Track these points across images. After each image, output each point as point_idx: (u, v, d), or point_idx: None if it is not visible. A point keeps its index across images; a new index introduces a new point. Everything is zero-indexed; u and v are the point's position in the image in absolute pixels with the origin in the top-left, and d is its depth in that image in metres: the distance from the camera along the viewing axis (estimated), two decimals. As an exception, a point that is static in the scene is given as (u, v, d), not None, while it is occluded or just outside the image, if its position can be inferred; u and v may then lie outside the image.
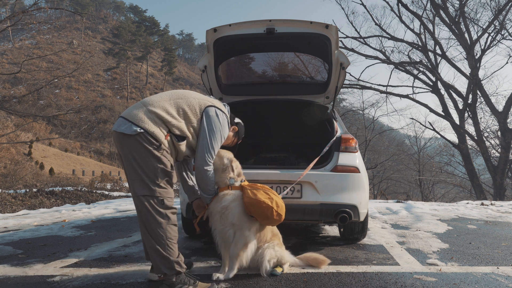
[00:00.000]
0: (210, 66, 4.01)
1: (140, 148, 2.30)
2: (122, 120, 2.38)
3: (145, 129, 2.30)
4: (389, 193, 29.98)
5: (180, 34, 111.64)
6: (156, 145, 2.32)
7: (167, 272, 2.31)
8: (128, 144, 2.32)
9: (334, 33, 3.56)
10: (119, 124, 2.38)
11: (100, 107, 57.46)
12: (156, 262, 2.32)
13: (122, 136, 2.33)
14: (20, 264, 3.02)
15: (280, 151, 4.61)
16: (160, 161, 2.33)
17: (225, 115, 2.63)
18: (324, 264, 2.88)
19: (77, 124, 36.20)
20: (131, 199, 9.86)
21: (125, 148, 2.34)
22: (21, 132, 25.39)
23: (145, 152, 2.30)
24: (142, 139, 2.29)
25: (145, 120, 2.32)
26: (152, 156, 2.31)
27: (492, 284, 2.53)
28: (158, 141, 2.32)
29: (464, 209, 7.49)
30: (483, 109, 17.79)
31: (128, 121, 2.34)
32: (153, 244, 2.31)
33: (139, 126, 2.30)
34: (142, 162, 2.30)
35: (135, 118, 2.33)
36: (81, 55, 64.71)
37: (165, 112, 2.39)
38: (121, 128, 2.33)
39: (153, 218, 2.30)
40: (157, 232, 2.30)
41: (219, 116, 2.56)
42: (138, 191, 2.32)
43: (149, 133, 2.30)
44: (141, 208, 2.32)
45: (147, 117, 2.34)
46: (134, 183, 2.33)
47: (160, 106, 2.40)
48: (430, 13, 17.97)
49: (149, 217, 2.30)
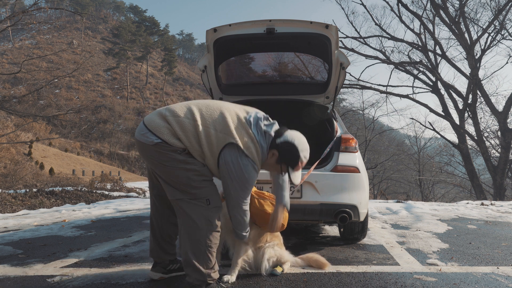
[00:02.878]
0: (210, 66, 4.01)
1: (163, 156, 2.15)
2: (142, 127, 2.22)
3: (164, 140, 2.14)
4: (389, 193, 29.98)
5: (180, 34, 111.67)
6: (179, 150, 2.16)
7: (197, 284, 2.19)
8: (150, 152, 2.18)
9: (334, 33, 3.56)
10: (139, 130, 2.23)
11: (100, 107, 57.45)
12: (188, 271, 2.21)
13: (141, 145, 2.20)
14: (20, 264, 3.01)
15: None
16: (187, 162, 2.16)
17: (248, 159, 2.16)
18: (324, 268, 2.86)
19: (77, 124, 36.23)
20: (131, 199, 9.86)
21: (148, 155, 2.21)
22: (21, 132, 25.39)
23: (170, 159, 2.15)
24: (162, 148, 2.14)
25: (164, 132, 2.15)
26: (179, 161, 2.15)
27: (492, 284, 2.53)
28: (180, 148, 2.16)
29: (464, 209, 7.49)
30: (483, 109, 17.81)
31: (147, 129, 2.19)
32: (188, 250, 2.17)
33: (158, 136, 2.14)
34: (170, 168, 2.16)
35: (156, 128, 2.17)
36: (81, 55, 64.70)
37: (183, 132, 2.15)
38: (141, 137, 2.20)
39: (193, 222, 2.15)
40: (195, 237, 2.15)
41: (241, 160, 2.15)
42: (176, 195, 2.19)
43: (168, 143, 2.14)
44: (179, 210, 2.21)
45: (167, 129, 2.16)
46: (168, 188, 2.21)
47: (180, 125, 2.16)
48: (430, 13, 17.99)
49: (188, 220, 2.17)
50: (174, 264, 2.63)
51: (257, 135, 2.23)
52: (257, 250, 2.70)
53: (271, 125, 2.33)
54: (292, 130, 2.36)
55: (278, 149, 2.26)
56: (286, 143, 2.26)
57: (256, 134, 2.23)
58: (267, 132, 2.29)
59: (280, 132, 2.30)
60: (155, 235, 2.54)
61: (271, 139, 2.27)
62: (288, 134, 2.29)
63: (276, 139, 2.27)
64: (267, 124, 2.33)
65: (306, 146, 2.34)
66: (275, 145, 2.26)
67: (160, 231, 2.53)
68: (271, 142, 2.27)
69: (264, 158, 2.28)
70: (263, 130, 2.28)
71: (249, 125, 2.24)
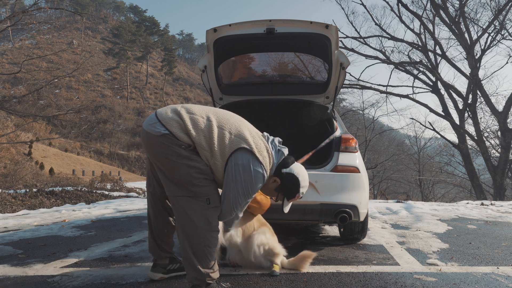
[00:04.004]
0: (210, 66, 4.01)
1: (167, 149, 2.12)
2: (153, 117, 2.21)
3: (171, 132, 2.13)
4: (389, 193, 29.99)
5: (180, 34, 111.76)
6: (185, 145, 2.15)
7: (197, 283, 2.18)
8: (154, 144, 2.16)
9: (334, 33, 3.56)
10: (148, 121, 2.21)
11: (100, 107, 57.48)
12: (187, 270, 2.20)
13: (148, 135, 2.18)
14: (20, 264, 3.01)
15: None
16: (190, 158, 2.14)
17: (261, 166, 2.15)
18: (301, 269, 2.77)
19: (77, 124, 36.20)
20: (131, 199, 9.85)
21: (151, 147, 2.19)
22: (21, 132, 25.39)
23: (174, 152, 2.13)
24: (168, 140, 2.12)
25: (174, 125, 2.14)
26: (182, 156, 2.12)
27: (492, 284, 2.53)
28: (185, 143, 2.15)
29: (464, 209, 7.49)
30: (483, 109, 17.82)
31: (158, 120, 2.17)
32: (186, 249, 2.15)
33: (166, 128, 2.13)
34: (173, 163, 2.13)
35: (165, 119, 2.16)
36: (81, 55, 64.73)
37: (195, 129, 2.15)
38: (149, 127, 2.18)
39: (192, 221, 2.14)
40: (193, 236, 2.14)
41: (253, 166, 2.12)
42: (175, 191, 2.17)
43: (175, 136, 2.13)
44: (177, 208, 2.18)
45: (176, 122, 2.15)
46: (168, 184, 2.19)
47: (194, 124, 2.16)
48: (430, 13, 17.99)
49: (187, 219, 2.15)
50: (174, 264, 2.63)
51: (272, 150, 2.27)
52: (246, 241, 2.70)
53: (284, 148, 2.38)
54: (298, 164, 2.37)
55: (281, 178, 2.28)
56: (291, 175, 2.27)
57: (272, 148, 2.27)
58: (280, 150, 2.33)
59: (287, 162, 2.29)
60: (152, 232, 2.55)
61: (281, 160, 2.30)
62: (294, 167, 2.30)
63: (282, 168, 2.27)
64: (280, 146, 2.38)
65: (307, 183, 2.36)
66: (279, 174, 2.27)
67: (156, 228, 2.53)
68: (275, 170, 2.27)
69: (271, 175, 2.28)
70: (277, 148, 2.32)
71: (266, 138, 2.31)
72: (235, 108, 3.94)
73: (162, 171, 2.21)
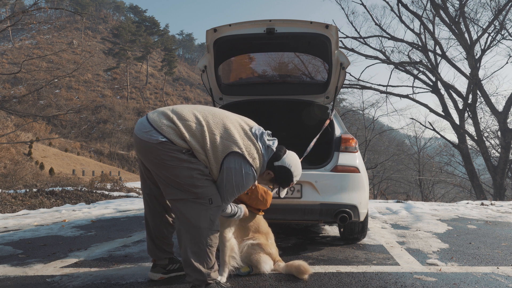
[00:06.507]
0: (210, 66, 4.01)
1: (166, 155, 2.14)
2: (146, 124, 2.19)
3: (169, 139, 2.14)
4: (389, 193, 29.98)
5: (180, 34, 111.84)
6: (184, 150, 2.17)
7: (197, 284, 2.19)
8: (152, 151, 2.16)
9: (334, 33, 3.56)
10: (142, 128, 2.20)
11: (100, 107, 57.50)
12: (188, 271, 2.19)
13: (144, 143, 2.18)
14: (20, 264, 3.02)
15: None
16: (191, 161, 2.16)
17: (251, 168, 2.23)
18: (303, 276, 2.61)
19: (77, 124, 36.23)
20: (131, 199, 9.86)
21: (149, 154, 2.18)
22: (21, 132, 25.39)
23: (174, 158, 2.14)
24: (167, 147, 2.14)
25: (171, 132, 2.16)
26: (183, 160, 2.15)
27: (492, 284, 2.53)
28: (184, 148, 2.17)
29: (464, 209, 7.48)
30: (483, 109, 17.83)
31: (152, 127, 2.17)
32: (187, 249, 2.16)
33: (163, 135, 2.14)
34: (172, 168, 2.15)
35: (160, 127, 2.16)
36: (81, 55, 64.79)
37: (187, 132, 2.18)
38: (143, 135, 2.17)
39: (194, 221, 2.16)
40: (196, 237, 2.16)
41: (244, 169, 2.20)
42: (176, 195, 2.18)
43: (174, 142, 2.15)
44: (179, 210, 2.19)
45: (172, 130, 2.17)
46: (168, 188, 2.20)
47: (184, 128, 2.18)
48: (430, 13, 18.00)
49: (189, 219, 2.16)
50: (174, 264, 2.63)
51: (262, 148, 2.31)
52: (241, 243, 2.70)
53: (273, 141, 2.41)
54: (290, 153, 2.43)
55: (274, 172, 2.38)
56: (283, 168, 2.37)
57: (262, 147, 2.31)
58: (269, 147, 2.37)
59: (279, 155, 2.37)
60: (150, 234, 2.55)
61: (271, 155, 2.36)
62: (286, 159, 2.38)
63: (274, 162, 2.35)
64: (269, 139, 2.40)
65: (300, 171, 2.47)
66: (272, 167, 2.36)
67: (154, 229, 2.54)
68: (267, 163, 2.35)
69: (263, 171, 2.37)
70: (267, 144, 2.36)
71: (255, 137, 2.32)
72: (235, 108, 3.93)
73: (161, 176, 2.21)
